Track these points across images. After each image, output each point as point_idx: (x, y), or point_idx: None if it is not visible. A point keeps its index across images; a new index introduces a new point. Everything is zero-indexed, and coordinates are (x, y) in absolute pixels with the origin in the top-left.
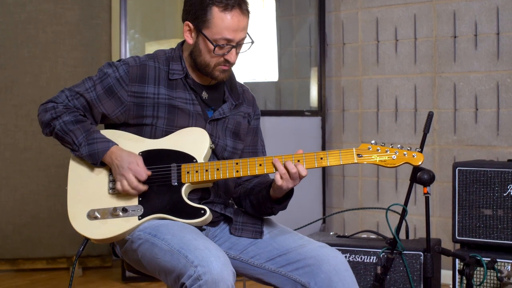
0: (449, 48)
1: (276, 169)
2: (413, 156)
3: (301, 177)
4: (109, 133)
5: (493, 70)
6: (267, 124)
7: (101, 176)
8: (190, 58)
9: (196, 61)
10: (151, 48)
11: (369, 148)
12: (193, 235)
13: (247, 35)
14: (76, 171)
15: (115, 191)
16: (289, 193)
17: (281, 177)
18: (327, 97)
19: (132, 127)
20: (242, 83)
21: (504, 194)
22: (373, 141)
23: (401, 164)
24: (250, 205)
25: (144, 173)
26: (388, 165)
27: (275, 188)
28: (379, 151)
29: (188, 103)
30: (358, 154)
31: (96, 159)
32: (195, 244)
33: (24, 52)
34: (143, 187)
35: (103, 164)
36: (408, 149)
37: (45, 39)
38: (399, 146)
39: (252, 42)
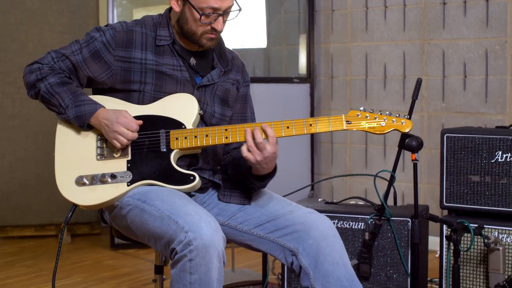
0: (438, 15)
1: (245, 140)
2: (402, 123)
3: (271, 141)
4: (97, 99)
5: (482, 37)
6: (256, 91)
7: (88, 142)
8: (177, 25)
9: (183, 29)
10: (138, 14)
11: (358, 115)
12: (183, 200)
13: (234, 2)
14: (63, 137)
15: (103, 157)
16: (272, 172)
17: (248, 149)
18: (316, 64)
19: (120, 93)
20: (231, 49)
21: (492, 161)
22: (361, 108)
23: (389, 131)
24: (234, 175)
25: (134, 123)
26: (377, 132)
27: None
28: (368, 118)
29: (176, 69)
30: (347, 121)
31: (83, 121)
32: (185, 210)
33: (10, 18)
34: (136, 135)
35: (90, 127)
36: (396, 116)
37: (32, 5)
38: (388, 113)
39: (240, 10)
